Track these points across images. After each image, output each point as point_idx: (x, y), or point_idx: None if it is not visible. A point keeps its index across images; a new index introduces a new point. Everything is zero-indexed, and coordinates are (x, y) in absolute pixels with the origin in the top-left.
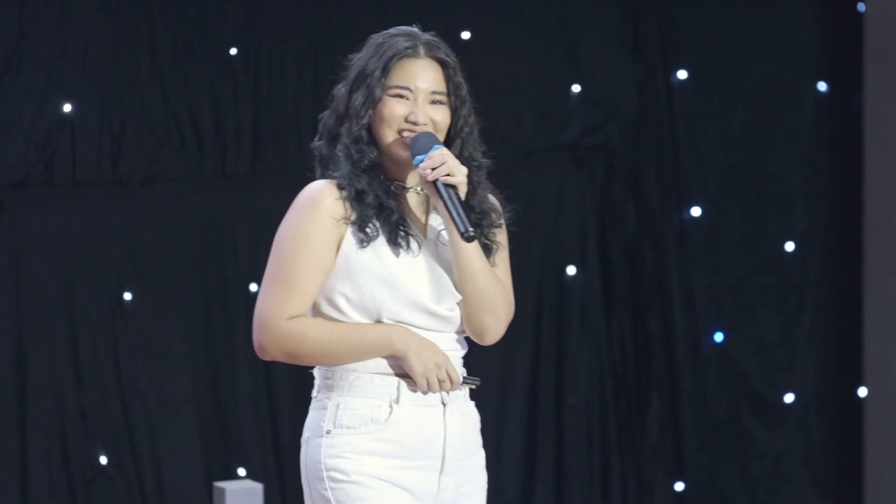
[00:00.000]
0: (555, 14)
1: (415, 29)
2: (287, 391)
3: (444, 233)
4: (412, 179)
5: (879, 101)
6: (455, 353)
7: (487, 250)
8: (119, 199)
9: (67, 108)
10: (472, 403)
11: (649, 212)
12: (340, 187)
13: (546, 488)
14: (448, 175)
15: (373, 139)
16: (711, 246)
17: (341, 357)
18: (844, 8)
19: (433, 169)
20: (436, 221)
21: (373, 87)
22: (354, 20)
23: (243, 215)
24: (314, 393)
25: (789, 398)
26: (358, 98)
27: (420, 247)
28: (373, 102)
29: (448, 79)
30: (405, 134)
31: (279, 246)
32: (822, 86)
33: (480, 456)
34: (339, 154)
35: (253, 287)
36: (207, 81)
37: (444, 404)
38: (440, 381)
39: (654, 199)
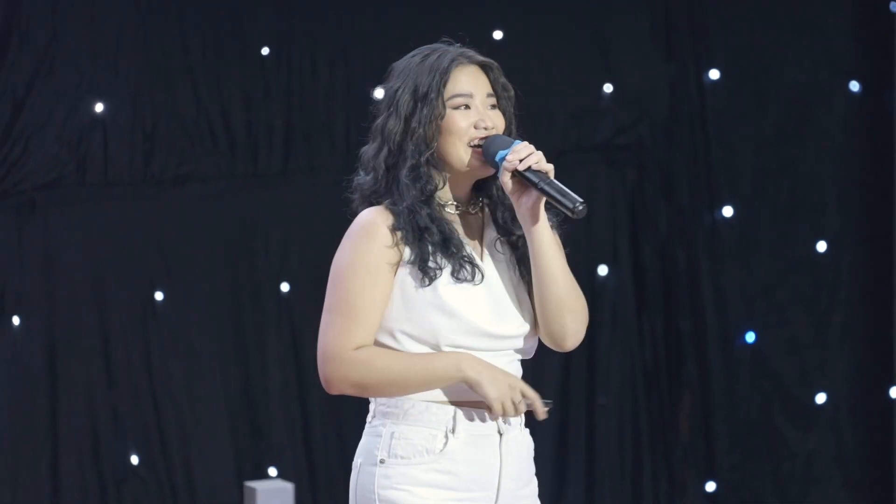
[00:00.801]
0: (587, 14)
1: (440, 44)
2: (318, 391)
3: (499, 242)
4: (472, 194)
5: None
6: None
7: None
8: (151, 199)
9: (99, 107)
10: (527, 431)
11: (681, 212)
12: (395, 228)
13: (577, 488)
14: (538, 162)
15: (438, 160)
16: (743, 246)
17: (410, 386)
18: (877, 8)
19: (521, 160)
20: (491, 234)
21: (434, 103)
22: (386, 20)
23: (275, 215)
24: (369, 418)
25: (821, 398)
26: (421, 119)
27: (482, 275)
28: (438, 118)
29: (494, 81)
30: (477, 143)
31: (338, 277)
32: (854, 85)
33: (534, 485)
34: (406, 181)
35: (284, 287)
36: (239, 81)
37: (500, 434)
38: (515, 404)
39: (686, 199)
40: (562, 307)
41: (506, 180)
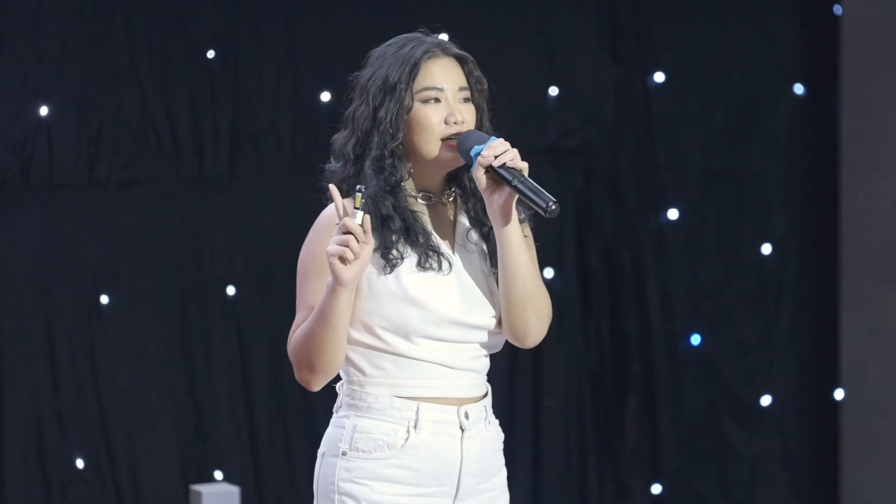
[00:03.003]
0: (532, 17)
1: (418, 34)
2: (265, 394)
3: (472, 232)
4: (444, 185)
5: (856, 104)
6: (478, 375)
7: None
8: (96, 202)
9: (44, 110)
10: (497, 423)
11: (627, 214)
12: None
13: (523, 490)
14: (512, 160)
15: (405, 152)
16: (689, 248)
17: (318, 332)
18: (821, 10)
19: (496, 156)
20: (464, 225)
21: (402, 95)
22: (332, 23)
23: (221, 218)
24: (335, 408)
25: (766, 400)
26: (389, 110)
27: (451, 265)
28: (406, 111)
29: (469, 74)
30: (451, 138)
31: (300, 273)
32: (798, 88)
33: (502, 476)
34: (369, 171)
35: (230, 290)
36: (185, 84)
37: (462, 430)
38: (346, 246)
39: (632, 201)
40: (526, 305)
41: (479, 176)
